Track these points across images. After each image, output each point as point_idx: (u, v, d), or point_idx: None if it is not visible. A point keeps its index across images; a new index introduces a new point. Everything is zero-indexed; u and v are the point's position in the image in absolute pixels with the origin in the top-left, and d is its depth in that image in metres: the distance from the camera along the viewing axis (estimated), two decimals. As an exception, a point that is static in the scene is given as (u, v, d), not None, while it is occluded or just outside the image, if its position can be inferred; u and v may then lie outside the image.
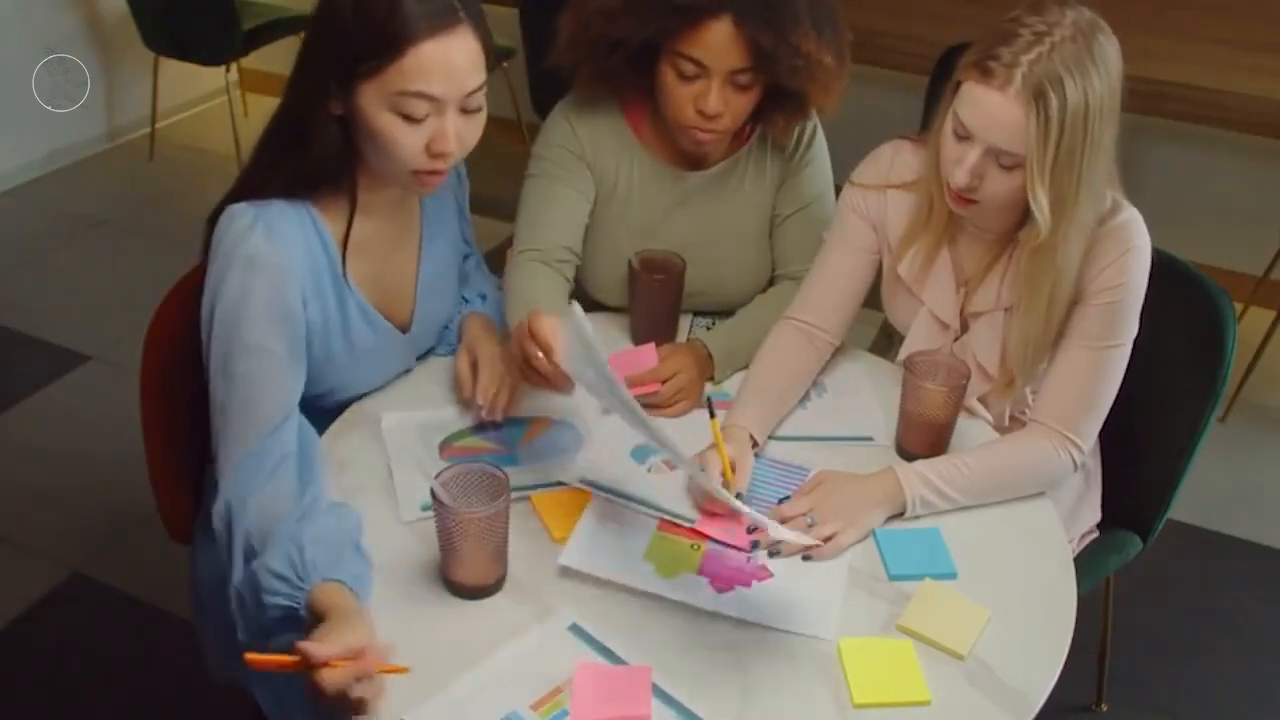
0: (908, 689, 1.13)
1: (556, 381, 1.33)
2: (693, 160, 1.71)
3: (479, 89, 1.27)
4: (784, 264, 1.78)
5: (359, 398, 1.53)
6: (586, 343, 1.16)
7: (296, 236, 1.32)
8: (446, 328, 1.61)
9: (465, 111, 1.28)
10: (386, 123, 1.24)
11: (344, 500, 1.34)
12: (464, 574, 1.21)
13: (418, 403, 1.53)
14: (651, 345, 1.56)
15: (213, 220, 1.33)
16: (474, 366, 1.48)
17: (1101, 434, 1.47)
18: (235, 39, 3.60)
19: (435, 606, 1.21)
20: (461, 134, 1.28)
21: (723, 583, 1.25)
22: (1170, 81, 2.69)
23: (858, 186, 1.57)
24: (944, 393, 1.41)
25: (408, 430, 1.47)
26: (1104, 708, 2.08)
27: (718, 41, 1.48)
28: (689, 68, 1.52)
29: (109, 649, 2.14)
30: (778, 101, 1.61)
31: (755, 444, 1.44)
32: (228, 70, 3.85)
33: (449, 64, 1.22)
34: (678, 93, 1.55)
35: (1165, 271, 1.64)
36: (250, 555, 1.19)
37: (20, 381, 2.89)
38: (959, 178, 1.34)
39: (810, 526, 1.30)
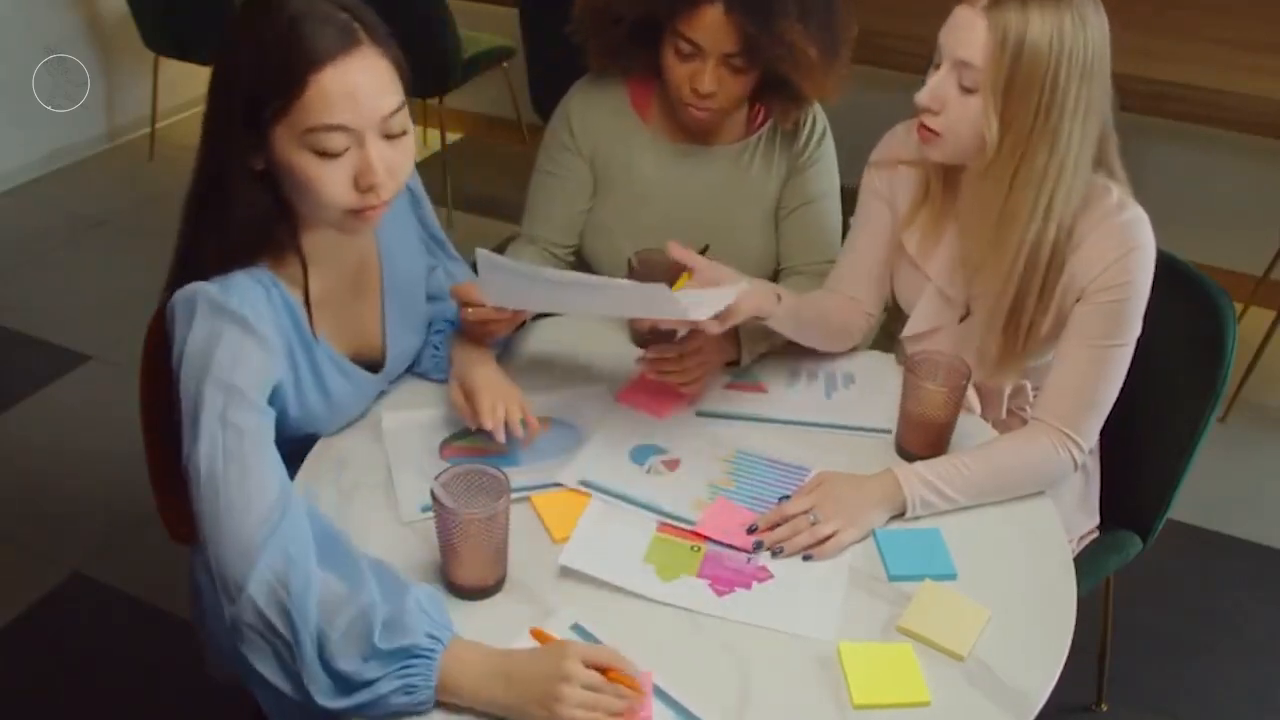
0: (907, 690, 1.13)
1: (501, 318, 1.43)
2: (700, 138, 1.77)
3: (397, 111, 1.19)
4: (787, 258, 1.82)
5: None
6: (504, 268, 1.26)
7: (263, 309, 1.23)
8: (436, 347, 1.56)
9: (388, 137, 1.19)
10: (306, 163, 1.16)
11: (345, 500, 1.34)
12: (464, 575, 1.21)
13: (418, 403, 1.53)
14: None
15: (161, 313, 1.25)
16: (468, 394, 1.43)
17: (1101, 434, 1.47)
18: (235, 39, 3.60)
19: (435, 607, 1.21)
20: (389, 162, 1.19)
21: (723, 585, 1.25)
22: (1170, 81, 2.69)
23: (872, 165, 1.62)
24: (944, 393, 1.41)
25: (408, 430, 1.47)
26: (1104, 708, 2.08)
27: (709, 25, 1.57)
28: (686, 47, 1.60)
29: (109, 649, 2.14)
30: (774, 87, 1.69)
31: (778, 300, 1.46)
32: (228, 70, 3.86)
33: (353, 89, 1.15)
34: (676, 70, 1.64)
35: (1165, 271, 1.64)
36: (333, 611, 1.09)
37: (20, 381, 2.89)
38: (922, 95, 1.38)
39: (812, 525, 1.30)
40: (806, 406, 1.56)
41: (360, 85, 1.15)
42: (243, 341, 1.20)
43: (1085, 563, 1.64)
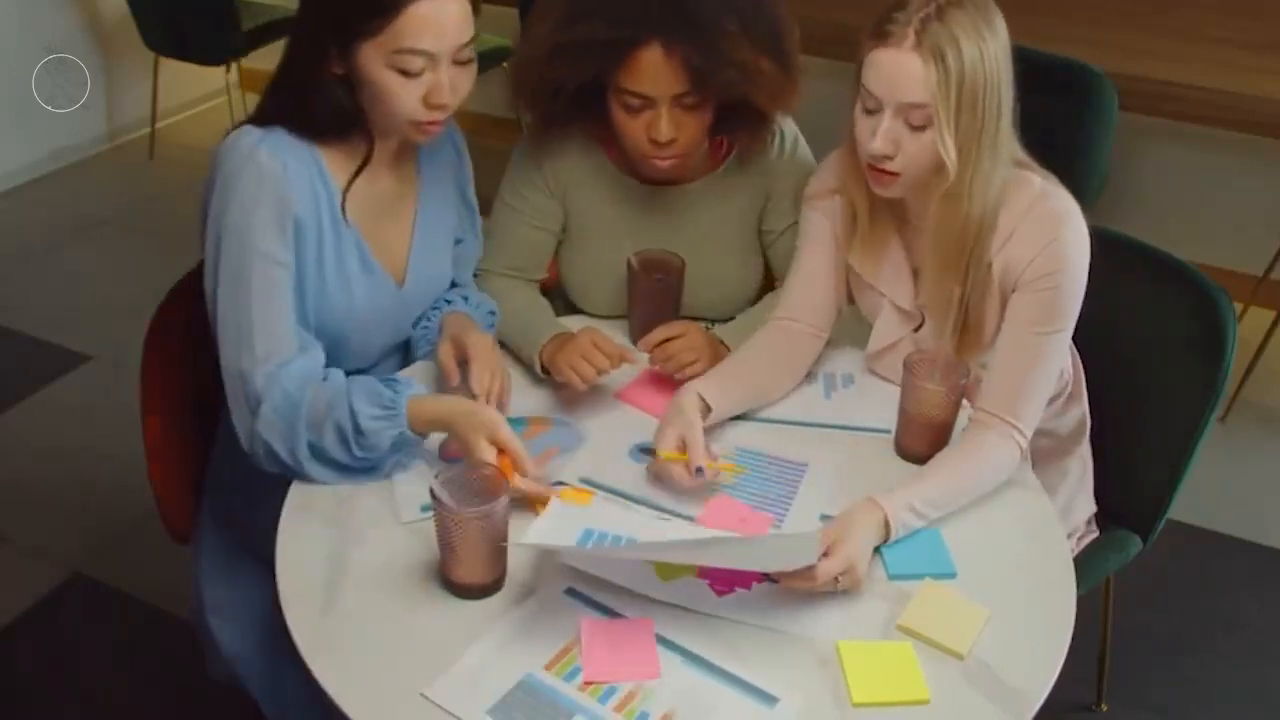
0: (907, 688, 1.13)
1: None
2: (669, 177, 1.68)
3: (470, 42, 1.37)
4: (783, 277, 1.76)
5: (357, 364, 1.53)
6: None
7: (298, 165, 1.39)
8: (428, 319, 1.61)
9: (458, 63, 1.37)
10: (386, 79, 1.34)
11: (345, 501, 1.34)
12: (464, 574, 1.21)
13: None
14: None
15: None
16: (460, 359, 1.48)
17: (1101, 433, 1.47)
18: (235, 39, 3.60)
19: (435, 606, 1.21)
20: (455, 85, 1.37)
21: (723, 585, 1.25)
22: (1170, 81, 2.69)
23: (810, 198, 1.59)
24: (943, 393, 1.41)
25: (407, 430, 1.47)
26: (1104, 708, 2.08)
27: (652, 70, 1.47)
28: (633, 101, 1.51)
29: (109, 649, 2.14)
30: (733, 115, 1.59)
31: (708, 410, 1.43)
32: (228, 70, 3.86)
33: (442, 22, 1.32)
34: (629, 126, 1.54)
35: (1165, 271, 1.65)
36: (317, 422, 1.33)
37: (20, 381, 2.89)
38: (876, 145, 1.36)
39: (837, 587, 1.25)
40: (806, 406, 1.56)
41: (446, 20, 1.33)
42: (266, 187, 1.35)
43: (1085, 563, 1.64)
